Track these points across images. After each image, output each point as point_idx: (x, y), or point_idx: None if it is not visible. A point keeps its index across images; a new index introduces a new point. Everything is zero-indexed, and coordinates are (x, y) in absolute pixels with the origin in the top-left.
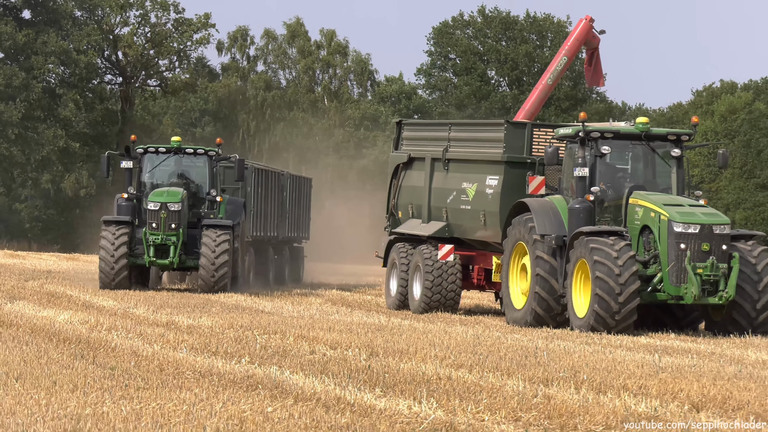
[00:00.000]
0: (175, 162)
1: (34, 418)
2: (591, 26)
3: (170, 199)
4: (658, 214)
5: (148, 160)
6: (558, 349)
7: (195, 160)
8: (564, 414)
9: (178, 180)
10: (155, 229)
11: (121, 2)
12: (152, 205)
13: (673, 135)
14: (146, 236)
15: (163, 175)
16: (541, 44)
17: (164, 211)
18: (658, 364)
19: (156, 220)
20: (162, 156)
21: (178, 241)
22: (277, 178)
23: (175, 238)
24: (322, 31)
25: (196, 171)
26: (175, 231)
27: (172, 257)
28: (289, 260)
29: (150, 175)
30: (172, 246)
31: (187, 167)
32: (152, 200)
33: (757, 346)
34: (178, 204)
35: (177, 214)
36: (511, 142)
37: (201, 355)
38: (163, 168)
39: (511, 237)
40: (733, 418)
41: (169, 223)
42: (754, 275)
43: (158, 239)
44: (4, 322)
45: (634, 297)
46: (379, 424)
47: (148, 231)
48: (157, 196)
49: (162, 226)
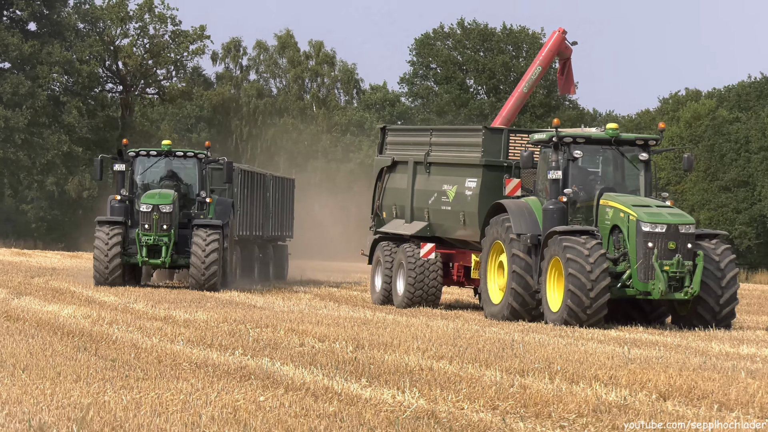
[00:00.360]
0: (165, 164)
1: (40, 407)
2: (563, 38)
3: (162, 201)
4: (627, 215)
5: (140, 162)
6: (533, 341)
7: (185, 163)
8: (539, 403)
9: (169, 182)
10: (147, 230)
11: (122, 15)
12: (144, 207)
13: (641, 140)
14: (139, 237)
15: (155, 177)
16: (517, 55)
17: (156, 213)
18: (627, 355)
19: (148, 221)
20: (153, 159)
21: (169, 242)
22: (262, 180)
23: (167, 238)
24: (311, 43)
25: (186, 173)
26: (167, 232)
27: (164, 257)
28: (273, 258)
29: (142, 177)
30: (164, 246)
31: (177, 169)
32: (144, 202)
33: (720, 339)
34: (169, 206)
35: (168, 216)
36: (489, 147)
37: (197, 348)
38: (154, 170)
39: (489, 236)
40: (698, 407)
41: (161, 224)
42: (718, 272)
43: (150, 240)
44: (11, 316)
45: (604, 292)
46: (365, 412)
47: (141, 232)
48: (149, 198)
49: (154, 227)
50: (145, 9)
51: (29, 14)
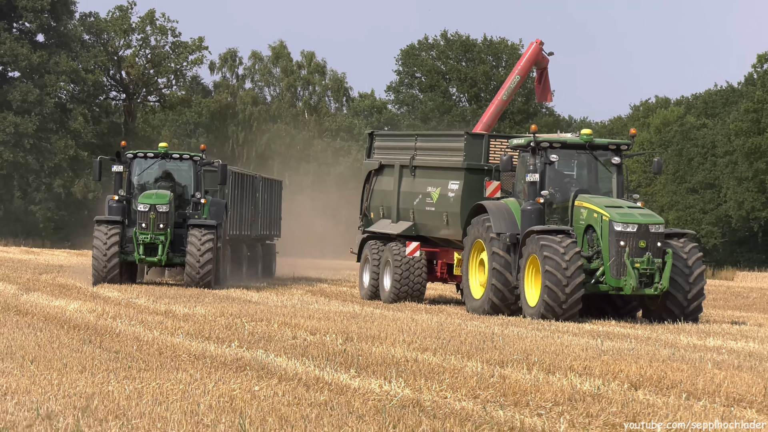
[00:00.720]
0: (161, 166)
1: (47, 396)
2: (541, 49)
3: (159, 201)
4: (600, 215)
5: (137, 164)
6: (512, 334)
7: (180, 165)
8: (517, 392)
9: (165, 183)
10: (145, 229)
11: (125, 27)
12: (142, 206)
13: (614, 145)
14: (136, 235)
15: (151, 178)
16: (497, 64)
17: (153, 213)
18: (600, 347)
19: (145, 220)
20: (150, 160)
21: (166, 240)
22: (251, 181)
23: (163, 237)
24: (303, 53)
25: (181, 174)
26: (163, 231)
27: (161, 255)
28: (261, 256)
29: (139, 178)
30: (161, 245)
31: (173, 171)
32: (142, 202)
33: (688, 332)
34: (166, 206)
35: (165, 215)
36: (471, 151)
37: (195, 340)
38: (150, 172)
39: (471, 235)
40: (668, 396)
41: (158, 223)
42: (686, 269)
43: (147, 238)
44: (21, 310)
45: (579, 288)
46: (354, 401)
47: (138, 231)
48: (147, 198)
49: (151, 226)
50: (147, 21)
51: (38, 26)
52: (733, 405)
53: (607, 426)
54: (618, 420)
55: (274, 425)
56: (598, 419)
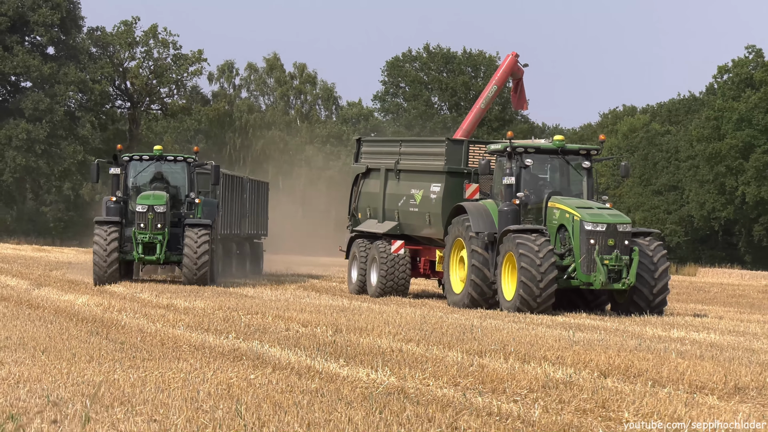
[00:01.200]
0: (155, 168)
1: (57, 384)
2: (516, 60)
3: (156, 202)
4: (571, 215)
5: (133, 166)
6: (490, 326)
7: (174, 167)
8: (495, 380)
9: (159, 184)
10: (143, 228)
11: (129, 41)
12: (140, 207)
13: (584, 150)
14: (135, 235)
15: (146, 180)
16: (476, 75)
17: (151, 213)
18: (572, 338)
19: (144, 220)
20: (146, 163)
21: (163, 240)
22: (240, 182)
23: (161, 236)
24: (296, 65)
25: (175, 176)
26: (161, 230)
27: (159, 254)
28: (249, 254)
29: (135, 180)
30: (159, 244)
31: (167, 173)
32: (140, 203)
33: (653, 324)
34: (163, 206)
35: (162, 216)
36: (451, 156)
37: (195, 332)
38: (145, 174)
39: (451, 234)
40: (635, 383)
41: (156, 223)
42: (651, 265)
43: (146, 238)
44: (32, 304)
45: (552, 283)
46: (343, 388)
47: (137, 230)
48: (144, 199)
49: (149, 226)
50: (150, 35)
51: (48, 40)
52: (696, 392)
53: (578, 411)
54: (588, 406)
55: (269, 411)
56: (569, 405)
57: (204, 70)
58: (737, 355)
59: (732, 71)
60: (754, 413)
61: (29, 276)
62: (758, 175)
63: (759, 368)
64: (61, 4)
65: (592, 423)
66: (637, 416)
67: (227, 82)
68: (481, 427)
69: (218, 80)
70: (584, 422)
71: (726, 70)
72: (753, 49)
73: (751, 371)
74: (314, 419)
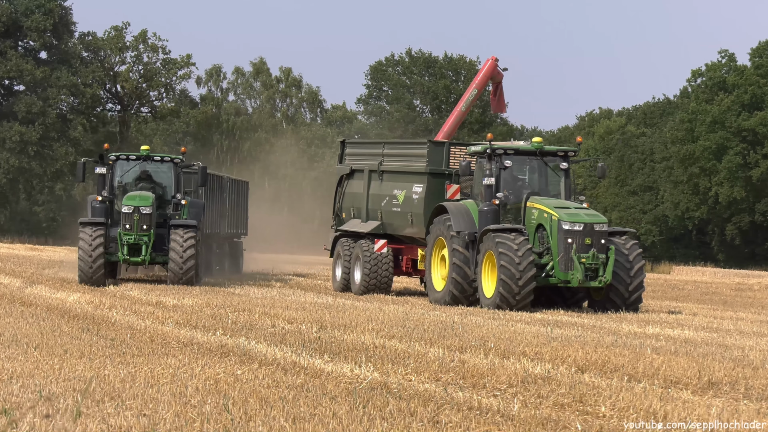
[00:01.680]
0: (141, 167)
1: (49, 379)
2: (496, 65)
3: (142, 203)
4: (549, 215)
5: (119, 166)
6: (470, 323)
7: (161, 167)
8: (475, 375)
9: (145, 184)
10: (128, 229)
11: (120, 45)
12: (126, 208)
13: (562, 151)
14: (121, 236)
15: (132, 179)
16: (456, 79)
17: (137, 214)
18: (550, 334)
19: (129, 221)
20: (132, 162)
21: (149, 241)
22: (219, 181)
23: (147, 238)
24: (281, 69)
25: (162, 176)
26: (147, 231)
27: (144, 255)
28: (228, 254)
29: (121, 180)
30: (144, 245)
31: (154, 173)
32: (126, 204)
33: (629, 321)
34: (149, 207)
35: (148, 217)
36: (433, 157)
37: (184, 329)
38: (132, 174)
39: (433, 233)
40: (611, 378)
41: (141, 224)
42: (627, 263)
43: (131, 239)
44: (25, 302)
45: (531, 281)
46: (328, 383)
47: (123, 231)
48: (130, 200)
49: (135, 227)
50: (140, 40)
51: (41, 44)
52: (671, 387)
53: (556, 406)
54: (566, 400)
55: (255, 406)
56: (548, 400)
57: (192, 74)
58: (711, 350)
59: (705, 75)
60: (727, 407)
61: (22, 274)
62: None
63: (732, 363)
64: (53, 10)
65: (570, 417)
66: (614, 410)
67: (215, 86)
68: (461, 421)
69: (206, 84)
70: (562, 416)
71: (699, 74)
72: (726, 53)
73: (724, 366)
74: (299, 413)
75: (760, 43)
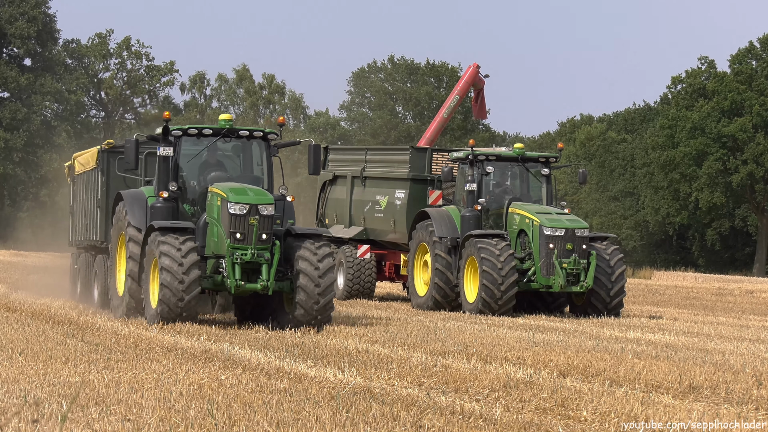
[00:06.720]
0: (212, 150)
1: (34, 384)
2: (477, 71)
3: (260, 200)
4: (531, 221)
5: (185, 146)
6: (453, 328)
7: (249, 146)
8: (458, 380)
9: (221, 173)
10: (240, 240)
11: (104, 52)
12: (237, 207)
13: (543, 158)
14: (229, 251)
15: (201, 165)
16: (438, 86)
17: (254, 216)
18: (532, 339)
19: (242, 228)
20: (205, 140)
21: (272, 258)
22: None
23: (269, 254)
24: (264, 76)
25: (252, 160)
26: (267, 243)
27: (265, 280)
28: None
29: (187, 166)
30: (266, 264)
31: (233, 156)
32: (236, 201)
33: (611, 325)
34: (271, 206)
35: (270, 220)
36: (415, 163)
37: (168, 334)
38: (199, 158)
39: (416, 239)
40: (593, 383)
41: (260, 233)
42: (608, 269)
43: (247, 255)
44: (10, 307)
45: (513, 286)
46: (311, 388)
47: (231, 244)
48: (240, 194)
49: (252, 236)
50: (124, 47)
51: (25, 51)
52: (652, 391)
53: (538, 410)
54: (548, 405)
55: (239, 410)
56: (530, 404)
57: (176, 81)
58: (691, 355)
59: (685, 82)
60: (708, 411)
61: (6, 280)
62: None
63: (712, 368)
64: (37, 17)
65: (552, 421)
66: (595, 414)
67: (198, 93)
68: (444, 425)
69: (190, 90)
70: (544, 420)
71: (680, 81)
72: (706, 60)
73: (704, 371)
74: (283, 418)
75: (740, 50)
